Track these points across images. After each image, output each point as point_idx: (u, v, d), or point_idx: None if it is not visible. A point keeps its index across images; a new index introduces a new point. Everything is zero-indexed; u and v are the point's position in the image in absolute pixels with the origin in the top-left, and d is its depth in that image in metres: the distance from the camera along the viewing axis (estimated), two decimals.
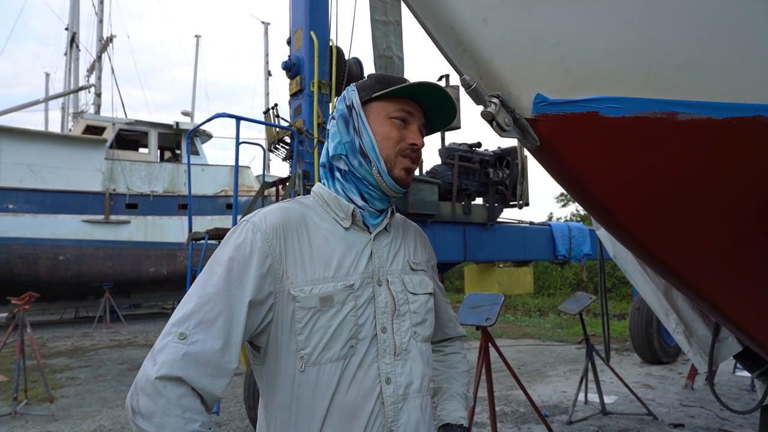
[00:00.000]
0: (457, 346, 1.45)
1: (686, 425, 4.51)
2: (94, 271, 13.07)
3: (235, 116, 4.76)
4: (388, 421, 1.05)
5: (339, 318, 1.04)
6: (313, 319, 1.03)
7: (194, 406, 0.92)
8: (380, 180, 1.13)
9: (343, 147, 1.16)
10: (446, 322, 1.41)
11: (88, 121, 14.58)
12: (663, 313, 2.65)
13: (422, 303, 1.17)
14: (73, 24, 17.96)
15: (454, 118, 1.22)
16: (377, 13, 4.70)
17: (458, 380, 1.38)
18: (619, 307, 12.13)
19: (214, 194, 14.73)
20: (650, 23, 1.09)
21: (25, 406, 5.45)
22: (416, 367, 1.12)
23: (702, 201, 1.24)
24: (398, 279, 1.15)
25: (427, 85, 1.13)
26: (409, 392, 1.09)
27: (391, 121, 1.14)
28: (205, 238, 4.69)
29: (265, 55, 23.55)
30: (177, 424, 0.89)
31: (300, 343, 1.03)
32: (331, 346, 1.03)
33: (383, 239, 1.18)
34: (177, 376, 0.91)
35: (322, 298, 1.04)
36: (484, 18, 1.03)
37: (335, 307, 1.04)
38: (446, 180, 5.09)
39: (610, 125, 1.11)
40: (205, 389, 0.94)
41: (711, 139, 1.16)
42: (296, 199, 1.19)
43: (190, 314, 0.96)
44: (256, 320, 1.03)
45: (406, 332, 1.12)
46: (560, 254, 6.40)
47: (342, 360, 1.04)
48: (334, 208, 1.15)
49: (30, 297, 5.50)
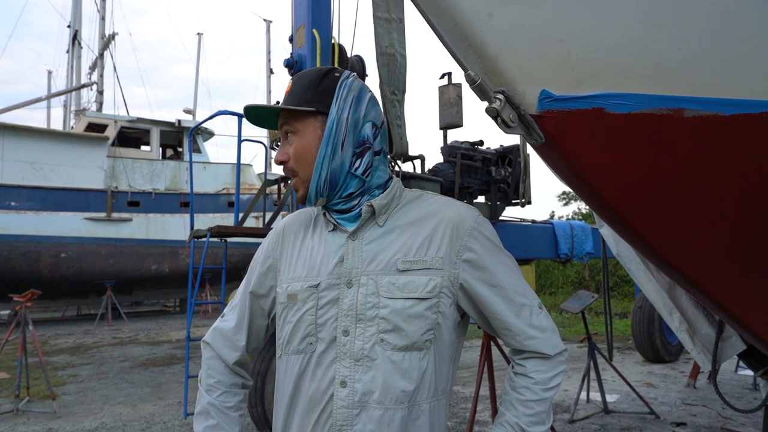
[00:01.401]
0: (531, 366, 1.10)
1: (688, 424, 4.50)
2: (96, 269, 13.10)
3: (237, 114, 4.75)
4: (338, 424, 1.03)
5: (299, 314, 1.11)
6: (284, 314, 1.14)
7: (216, 366, 1.23)
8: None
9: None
10: (501, 330, 1.12)
11: (90, 118, 14.60)
12: (666, 311, 2.64)
13: (396, 309, 1.04)
14: (75, 21, 17.98)
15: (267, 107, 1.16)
16: (380, 10, 4.68)
17: (517, 408, 1.09)
18: (621, 306, 12.12)
19: (216, 192, 14.74)
20: (656, 19, 1.08)
21: (27, 403, 5.46)
22: (381, 377, 1.03)
23: (708, 198, 1.23)
24: (373, 280, 1.06)
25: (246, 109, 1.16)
26: (368, 401, 1.03)
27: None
28: (207, 235, 4.69)
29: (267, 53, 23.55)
30: (202, 375, 1.24)
31: (278, 332, 1.17)
32: (292, 339, 1.12)
33: (367, 236, 1.10)
34: (208, 342, 1.26)
35: (290, 295, 1.13)
36: (489, 13, 1.02)
37: (297, 305, 1.11)
38: (448, 178, 5.08)
39: (616, 121, 1.10)
40: (223, 356, 1.23)
41: (718, 136, 1.15)
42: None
43: (232, 300, 1.27)
44: (265, 309, 1.24)
45: (370, 338, 1.04)
46: (562, 253, 6.38)
47: (302, 354, 1.10)
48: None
49: (32, 294, 5.51)
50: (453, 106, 5.37)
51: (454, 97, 5.38)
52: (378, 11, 4.70)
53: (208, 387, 1.21)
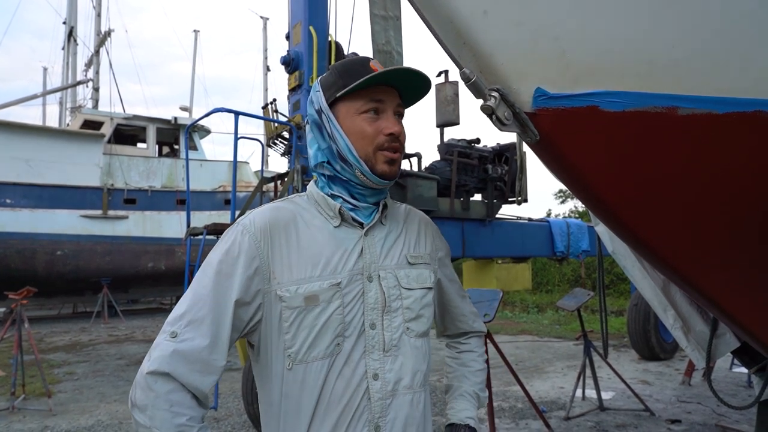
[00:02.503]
0: (474, 343, 1.39)
1: (683, 421, 4.53)
2: (92, 266, 13.05)
3: (233, 111, 4.74)
4: (375, 416, 1.05)
5: (324, 316, 1.05)
6: (299, 318, 1.04)
7: (182, 401, 0.96)
8: (365, 180, 1.10)
9: (323, 154, 1.14)
10: (458, 316, 1.35)
11: (85, 115, 14.54)
12: (661, 308, 2.65)
13: (417, 298, 1.15)
14: (71, 18, 17.88)
15: (429, 87, 1.14)
16: (376, 8, 4.68)
17: (470, 379, 1.34)
18: (617, 304, 12.15)
19: (213, 189, 14.70)
20: (651, 17, 1.08)
21: (22, 401, 5.45)
22: (407, 363, 1.11)
23: (701, 195, 1.23)
24: (391, 274, 1.13)
25: (390, 72, 1.08)
26: (398, 388, 1.09)
27: (363, 117, 1.10)
28: (204, 233, 4.68)
29: (263, 50, 23.49)
30: (164, 417, 0.94)
31: (287, 341, 1.04)
32: (317, 344, 1.04)
33: (377, 233, 1.15)
34: (165, 372, 0.96)
35: (307, 297, 1.04)
36: (484, 10, 1.03)
37: (320, 306, 1.05)
38: (445, 176, 5.08)
39: (611, 119, 1.10)
40: (193, 385, 0.98)
41: (711, 134, 1.16)
42: (290, 198, 1.18)
43: (183, 314, 1.01)
44: (243, 319, 1.06)
45: (398, 328, 1.11)
46: (558, 250, 6.39)
47: (328, 358, 1.05)
48: (323, 207, 1.13)
49: (28, 292, 5.49)
50: (450, 104, 5.37)
51: (450, 95, 5.38)
52: (375, 8, 4.69)
53: (179, 429, 0.94)
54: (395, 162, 1.11)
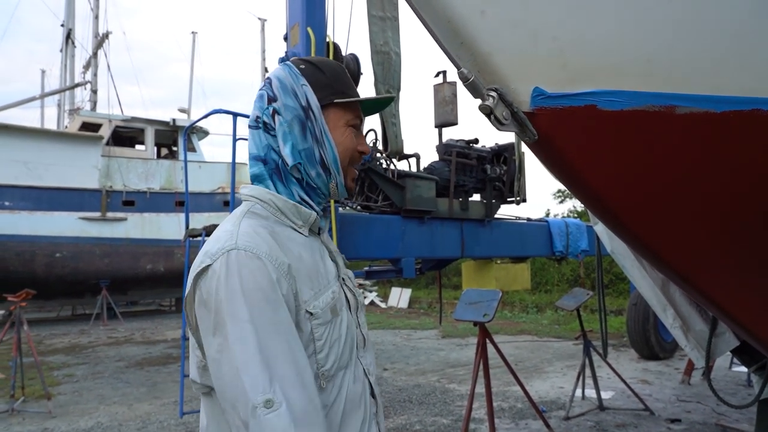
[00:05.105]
0: None
1: (683, 420, 4.53)
2: (91, 269, 13.03)
3: (232, 112, 4.74)
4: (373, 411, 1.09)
5: (345, 325, 1.02)
6: (330, 332, 0.98)
7: None
8: (335, 191, 1.08)
9: (299, 155, 1.03)
10: None
11: (84, 117, 14.51)
12: (660, 308, 2.65)
13: (360, 292, 1.21)
14: (68, 20, 17.86)
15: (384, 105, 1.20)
16: (374, 9, 4.68)
17: None
18: (616, 303, 12.15)
19: (211, 191, 14.69)
20: (649, 17, 1.08)
21: (22, 403, 5.44)
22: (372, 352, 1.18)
23: (700, 194, 1.23)
24: (346, 275, 1.17)
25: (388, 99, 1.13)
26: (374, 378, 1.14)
27: (350, 130, 1.07)
28: (202, 234, 4.68)
29: (261, 52, 23.46)
30: None
31: (321, 360, 0.95)
32: (343, 354, 1.01)
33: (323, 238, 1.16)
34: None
35: (332, 309, 0.99)
36: (482, 11, 1.03)
37: (340, 316, 1.01)
38: (443, 176, 5.09)
39: (609, 118, 1.11)
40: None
41: (709, 133, 1.16)
42: (248, 214, 1.01)
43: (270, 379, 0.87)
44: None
45: (365, 324, 1.16)
46: (557, 250, 6.39)
47: (349, 365, 1.03)
48: (292, 216, 1.03)
49: (27, 294, 5.48)
50: (448, 105, 5.37)
51: (449, 96, 5.38)
52: (372, 9, 4.70)
53: None
54: (355, 179, 1.13)
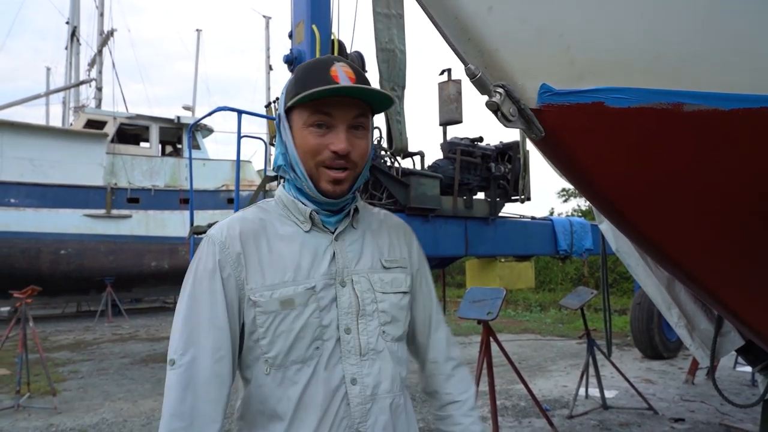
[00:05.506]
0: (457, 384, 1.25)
1: (687, 420, 4.52)
2: (96, 266, 13.08)
3: (236, 110, 4.75)
4: (355, 422, 1.04)
5: (302, 320, 1.04)
6: (275, 323, 1.03)
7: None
8: (311, 194, 1.07)
9: (281, 158, 1.11)
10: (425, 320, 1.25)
11: (89, 115, 14.57)
12: (665, 306, 2.65)
13: (393, 302, 1.13)
14: (73, 18, 17.91)
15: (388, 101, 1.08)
16: (380, 6, 4.68)
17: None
18: (620, 303, 12.13)
19: (216, 188, 14.72)
20: (657, 13, 1.08)
21: (27, 399, 5.47)
22: (386, 367, 1.10)
23: (707, 192, 1.23)
24: (365, 278, 1.11)
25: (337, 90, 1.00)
26: (377, 393, 1.07)
27: (309, 130, 1.04)
28: (207, 232, 4.69)
29: (266, 49, 23.48)
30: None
31: (264, 347, 1.04)
32: (295, 348, 1.03)
33: (348, 238, 1.13)
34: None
35: (283, 301, 1.03)
36: (489, 6, 1.03)
37: (297, 310, 1.03)
38: (448, 174, 5.09)
39: (616, 116, 1.10)
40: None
41: (717, 130, 1.15)
42: (258, 205, 1.15)
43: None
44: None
45: (374, 332, 1.09)
46: (562, 249, 6.39)
47: (308, 361, 1.04)
48: (293, 211, 1.10)
49: (32, 291, 5.51)
50: (453, 103, 5.37)
51: (453, 94, 5.38)
52: (378, 7, 4.70)
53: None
54: (341, 182, 1.05)
